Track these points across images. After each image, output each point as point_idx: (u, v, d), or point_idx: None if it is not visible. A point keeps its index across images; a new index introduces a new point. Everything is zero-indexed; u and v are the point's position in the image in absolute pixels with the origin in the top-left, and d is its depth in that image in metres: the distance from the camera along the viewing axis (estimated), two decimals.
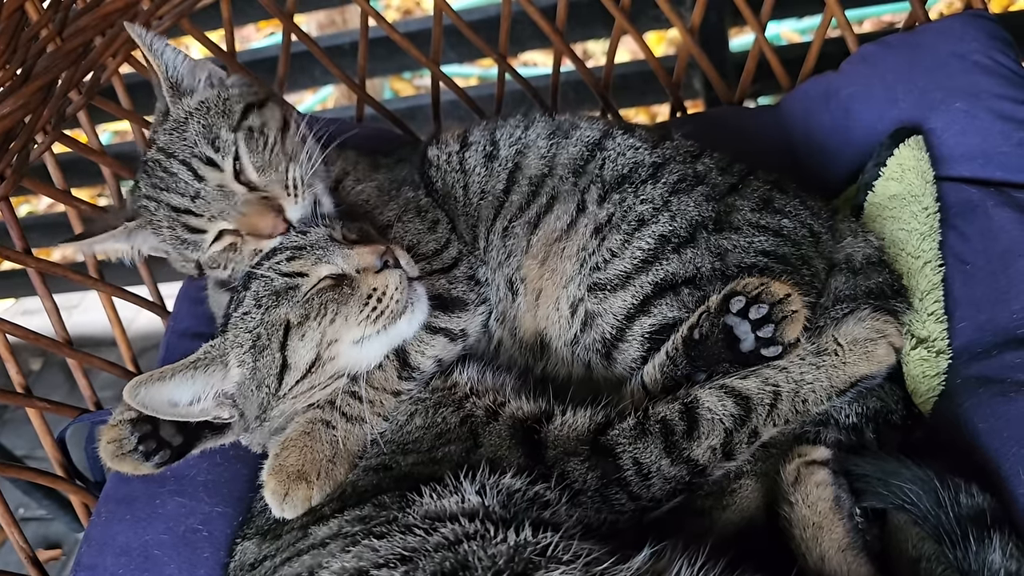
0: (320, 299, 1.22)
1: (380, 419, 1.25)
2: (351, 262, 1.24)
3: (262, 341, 1.22)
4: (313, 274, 1.24)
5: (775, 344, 1.16)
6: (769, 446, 1.18)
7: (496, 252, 1.40)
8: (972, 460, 1.17)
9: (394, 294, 1.21)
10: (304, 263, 1.25)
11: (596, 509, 1.09)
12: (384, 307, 1.21)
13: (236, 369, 1.24)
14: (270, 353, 1.22)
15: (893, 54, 1.66)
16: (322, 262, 1.25)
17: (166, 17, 1.82)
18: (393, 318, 1.22)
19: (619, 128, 1.45)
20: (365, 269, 1.23)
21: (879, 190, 1.46)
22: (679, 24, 1.94)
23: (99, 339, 2.28)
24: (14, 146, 1.51)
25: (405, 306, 1.23)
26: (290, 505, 1.18)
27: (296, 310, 1.22)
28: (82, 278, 1.67)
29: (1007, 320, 1.28)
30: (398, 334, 1.26)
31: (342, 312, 1.21)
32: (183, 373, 1.21)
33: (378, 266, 1.23)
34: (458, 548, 0.94)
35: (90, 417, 1.55)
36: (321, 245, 1.27)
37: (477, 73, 3.75)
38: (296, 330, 1.22)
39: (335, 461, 1.20)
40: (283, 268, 1.25)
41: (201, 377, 1.22)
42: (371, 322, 1.21)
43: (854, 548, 1.10)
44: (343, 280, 1.23)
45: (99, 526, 1.38)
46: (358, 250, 1.25)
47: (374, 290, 1.21)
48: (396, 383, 1.26)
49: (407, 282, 1.23)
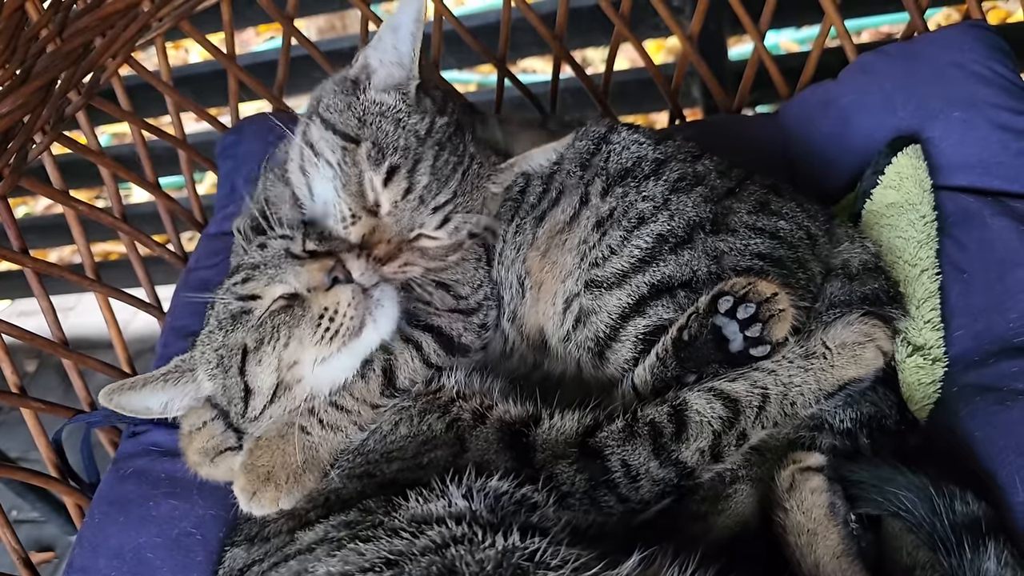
0: (273, 322, 1.18)
1: (357, 429, 1.22)
2: (302, 280, 1.19)
3: (225, 363, 1.22)
4: (267, 296, 1.21)
5: (763, 343, 1.16)
6: (764, 452, 1.18)
7: (509, 251, 1.40)
8: (968, 468, 1.18)
9: (346, 311, 1.16)
10: (257, 284, 1.22)
11: (584, 511, 1.09)
12: (337, 326, 1.16)
13: (207, 382, 1.24)
14: (233, 376, 1.21)
15: (892, 63, 1.66)
16: (275, 282, 1.21)
17: (166, 19, 1.83)
18: (350, 335, 1.17)
19: (624, 125, 1.45)
20: (315, 288, 1.18)
21: (877, 198, 1.47)
22: (678, 32, 1.94)
23: (95, 341, 2.28)
24: (12, 146, 1.51)
25: (363, 320, 1.18)
26: (257, 504, 1.18)
27: (251, 335, 1.19)
28: (79, 279, 1.67)
29: (1004, 329, 1.29)
30: (364, 346, 1.21)
31: (295, 335, 1.17)
32: (153, 384, 1.24)
33: (327, 283, 1.17)
34: (445, 552, 0.94)
35: (85, 418, 1.54)
36: (275, 263, 1.23)
37: (476, 79, 3.75)
38: (253, 355, 1.19)
39: (305, 468, 1.19)
40: (238, 291, 1.24)
41: (171, 389, 1.25)
42: (326, 343, 1.16)
43: (849, 555, 1.10)
44: (296, 300, 1.19)
45: (92, 528, 1.37)
46: (308, 267, 1.19)
47: (325, 309, 1.16)
48: (377, 397, 1.24)
49: (361, 295, 1.18)
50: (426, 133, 1.28)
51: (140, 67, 1.85)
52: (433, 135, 1.28)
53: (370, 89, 1.30)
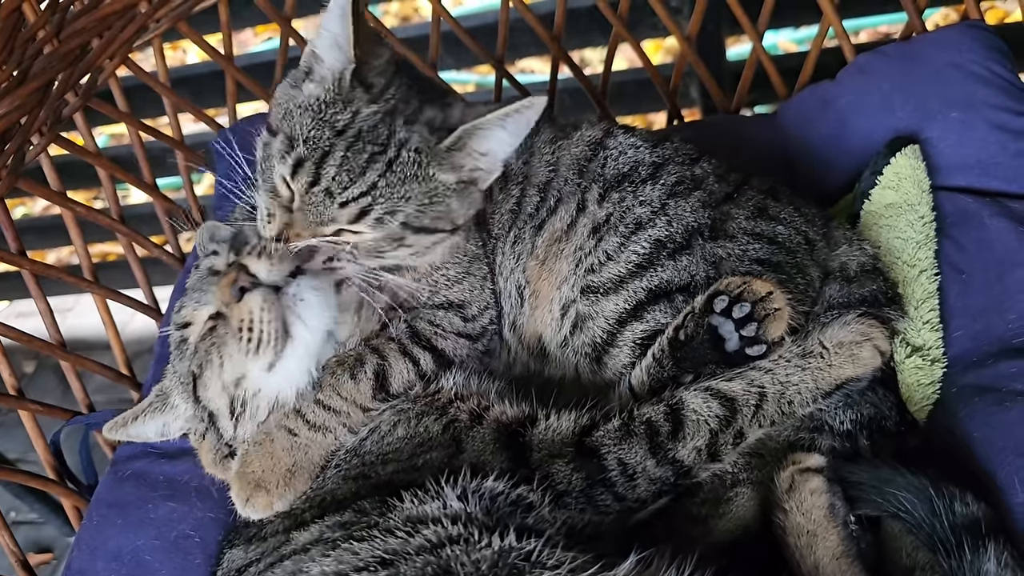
0: (204, 346, 1.19)
1: (346, 431, 1.21)
2: (217, 299, 1.17)
3: (185, 389, 1.24)
4: (196, 320, 1.22)
5: (759, 343, 1.15)
6: (764, 454, 1.18)
7: (508, 261, 1.38)
8: (967, 469, 1.18)
9: (261, 317, 1.12)
10: (187, 311, 1.24)
11: (580, 510, 1.09)
12: (258, 335, 1.13)
13: (184, 405, 1.27)
14: (193, 402, 1.23)
15: (890, 64, 1.66)
16: (200, 305, 1.21)
17: (164, 20, 1.82)
18: (277, 339, 1.14)
19: (620, 128, 1.44)
20: (228, 303, 1.15)
21: (875, 199, 1.46)
22: (676, 32, 1.94)
23: (93, 342, 2.28)
24: (9, 147, 1.51)
25: (285, 321, 1.14)
26: (252, 509, 1.18)
27: (194, 361, 1.21)
28: (77, 280, 1.67)
29: (1003, 330, 1.29)
30: (306, 342, 1.18)
31: (226, 353, 1.17)
32: (143, 415, 1.30)
33: (237, 296, 1.14)
34: (440, 552, 0.93)
35: (83, 420, 1.54)
36: (199, 286, 1.23)
37: (474, 80, 3.75)
38: (200, 381, 1.21)
39: (295, 471, 1.19)
40: (176, 319, 1.26)
41: (159, 416, 1.30)
42: (255, 354, 1.14)
43: (848, 556, 1.10)
44: (220, 318, 1.18)
45: (90, 530, 1.37)
46: (219, 284, 1.17)
47: (241, 321, 1.13)
48: (369, 400, 1.22)
49: (273, 296, 1.14)
50: (345, 125, 1.19)
51: (137, 68, 1.85)
52: (353, 126, 1.19)
53: (309, 81, 1.25)
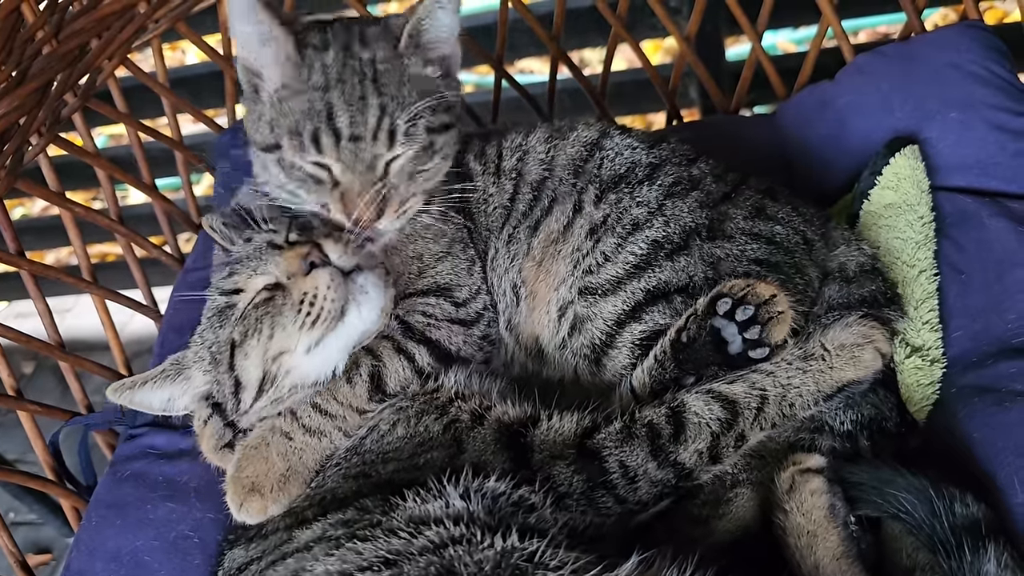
0: (256, 314, 1.20)
1: (342, 435, 1.21)
2: (281, 269, 1.20)
3: (216, 359, 1.24)
4: (250, 288, 1.23)
5: (762, 346, 1.15)
6: (765, 455, 1.18)
7: (502, 259, 1.38)
8: (967, 469, 1.17)
9: (327, 294, 1.16)
10: (240, 278, 1.24)
11: (582, 512, 1.08)
12: (318, 310, 1.16)
13: (201, 377, 1.26)
14: (224, 371, 1.22)
15: (889, 64, 1.67)
16: (257, 274, 1.22)
17: (163, 20, 1.82)
18: (333, 319, 1.18)
19: (616, 128, 1.45)
20: (294, 274, 1.19)
21: (875, 199, 1.46)
22: (675, 33, 1.94)
23: (92, 343, 2.27)
24: (8, 148, 1.50)
25: (346, 303, 1.18)
26: (246, 513, 1.18)
27: (237, 328, 1.21)
28: (75, 281, 1.66)
29: (1002, 330, 1.29)
30: (352, 331, 1.21)
31: (279, 324, 1.18)
32: (152, 382, 1.28)
33: (305, 269, 1.18)
34: (443, 552, 0.93)
35: (82, 420, 1.54)
36: (257, 256, 1.24)
37: (474, 80, 3.75)
38: (239, 349, 1.20)
39: (289, 475, 1.19)
40: (223, 286, 1.25)
41: (169, 386, 1.28)
42: (309, 328, 1.17)
43: (849, 557, 1.10)
44: (278, 290, 1.20)
45: (89, 531, 1.37)
46: (286, 255, 1.21)
47: (305, 294, 1.17)
48: (365, 402, 1.22)
49: (341, 278, 1.18)
50: (322, 81, 1.23)
51: (136, 68, 1.85)
52: (329, 75, 1.23)
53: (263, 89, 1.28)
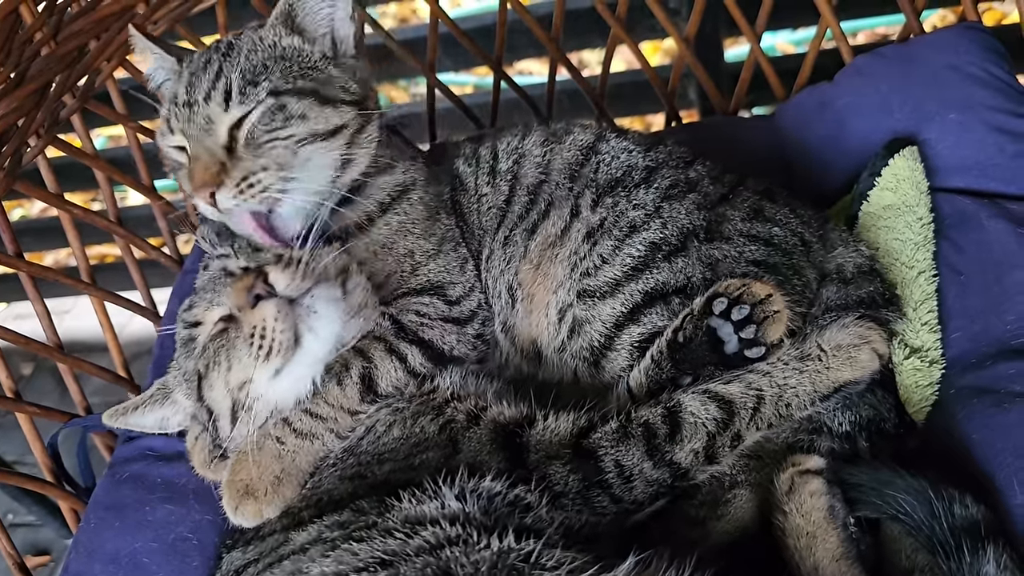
0: (214, 347, 1.18)
1: (334, 436, 1.20)
2: (231, 301, 1.17)
3: (190, 386, 1.24)
4: (207, 320, 1.22)
5: (758, 345, 1.15)
6: (763, 456, 1.18)
7: (498, 261, 1.38)
8: (966, 470, 1.17)
9: (275, 326, 1.13)
10: (199, 310, 1.24)
11: (577, 511, 1.08)
12: (270, 342, 1.13)
13: (185, 401, 1.27)
14: (195, 401, 1.23)
15: (888, 65, 1.67)
16: (212, 306, 1.22)
17: (161, 21, 1.82)
18: (287, 348, 1.14)
19: (612, 132, 1.45)
20: (241, 307, 1.16)
21: (874, 200, 1.46)
22: (675, 34, 1.94)
23: (91, 344, 2.27)
24: (7, 149, 1.50)
25: (296, 333, 1.14)
26: (242, 517, 1.18)
27: (200, 361, 1.20)
28: (74, 283, 1.66)
29: (1001, 331, 1.28)
30: (314, 352, 1.18)
31: (234, 357, 1.16)
32: (142, 407, 1.32)
33: (251, 303, 1.15)
34: (440, 553, 0.93)
35: (81, 422, 1.54)
36: (212, 286, 1.23)
37: (473, 81, 3.75)
38: (205, 380, 1.20)
39: (283, 478, 1.18)
40: (185, 318, 1.26)
41: (158, 409, 1.32)
42: (264, 360, 1.14)
43: (848, 558, 1.10)
44: (232, 321, 1.18)
45: (88, 533, 1.37)
46: (233, 287, 1.17)
47: (254, 328, 1.14)
48: (357, 404, 1.22)
49: (288, 307, 1.14)
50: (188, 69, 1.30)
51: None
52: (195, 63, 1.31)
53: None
